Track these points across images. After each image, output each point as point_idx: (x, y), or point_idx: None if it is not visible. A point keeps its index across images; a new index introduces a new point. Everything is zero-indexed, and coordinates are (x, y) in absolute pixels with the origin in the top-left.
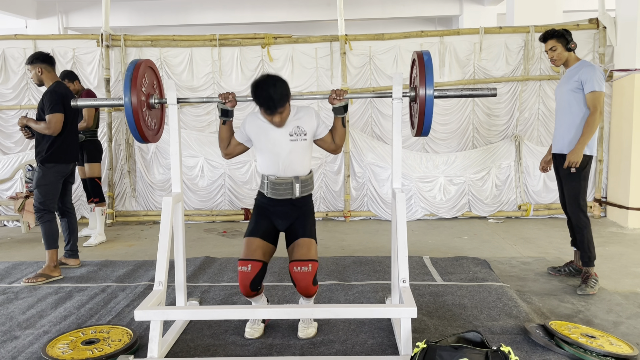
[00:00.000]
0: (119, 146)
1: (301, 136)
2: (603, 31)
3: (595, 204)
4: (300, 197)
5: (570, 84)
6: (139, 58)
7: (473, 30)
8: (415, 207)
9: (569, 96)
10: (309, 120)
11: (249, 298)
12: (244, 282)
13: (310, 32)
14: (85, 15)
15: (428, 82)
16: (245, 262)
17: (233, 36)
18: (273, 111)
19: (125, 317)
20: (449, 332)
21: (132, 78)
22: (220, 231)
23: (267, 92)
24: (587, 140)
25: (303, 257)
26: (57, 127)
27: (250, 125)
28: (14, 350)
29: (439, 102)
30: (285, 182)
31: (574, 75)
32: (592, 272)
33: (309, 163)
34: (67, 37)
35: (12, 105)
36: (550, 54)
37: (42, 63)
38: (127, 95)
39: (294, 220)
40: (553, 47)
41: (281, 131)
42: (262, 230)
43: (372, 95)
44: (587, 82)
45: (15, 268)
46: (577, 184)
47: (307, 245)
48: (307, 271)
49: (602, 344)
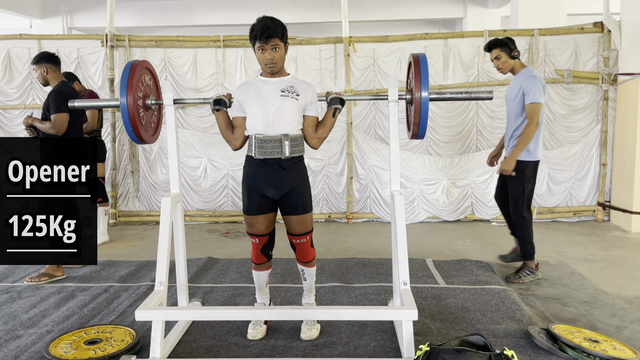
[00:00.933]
0: (122, 146)
1: (293, 95)
2: (608, 35)
3: (599, 207)
4: (290, 157)
5: (516, 94)
6: (137, 59)
7: (477, 32)
8: (418, 210)
9: (515, 105)
10: (305, 90)
11: (257, 266)
12: (254, 250)
13: (314, 33)
14: (90, 16)
15: (423, 85)
16: (252, 236)
17: (237, 37)
18: (268, 39)
19: (128, 317)
20: (452, 335)
21: (128, 79)
22: (223, 232)
23: (264, 22)
24: (521, 149)
25: (302, 231)
26: (62, 127)
27: (240, 93)
28: (17, 350)
29: (442, 105)
30: (273, 139)
31: (519, 84)
32: (529, 264)
33: (298, 125)
34: (72, 37)
35: (17, 104)
36: (496, 62)
37: (47, 63)
38: (123, 96)
39: (287, 191)
40: (497, 56)
41: (273, 87)
42: (256, 205)
43: (369, 98)
44: (528, 94)
45: (18, 267)
46: (517, 187)
47: (305, 221)
48: (306, 241)
49: (606, 348)
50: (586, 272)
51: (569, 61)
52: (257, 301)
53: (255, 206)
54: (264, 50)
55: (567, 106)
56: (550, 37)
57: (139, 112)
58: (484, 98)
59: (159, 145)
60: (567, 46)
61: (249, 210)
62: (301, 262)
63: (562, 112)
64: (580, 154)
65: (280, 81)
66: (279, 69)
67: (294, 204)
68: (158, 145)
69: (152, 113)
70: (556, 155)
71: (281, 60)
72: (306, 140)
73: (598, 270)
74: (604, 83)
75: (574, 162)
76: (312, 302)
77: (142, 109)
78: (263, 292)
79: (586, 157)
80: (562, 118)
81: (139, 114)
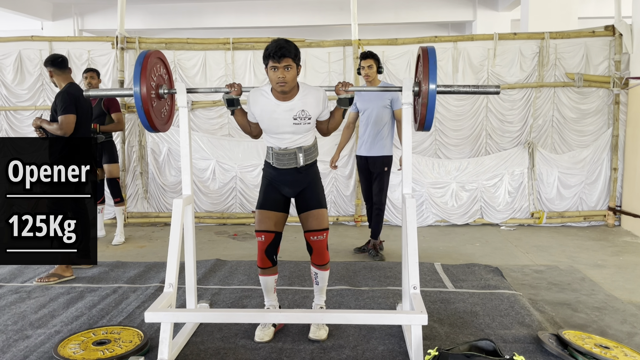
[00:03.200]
0: (131, 148)
1: (305, 120)
2: (619, 38)
3: (610, 212)
4: (305, 165)
5: (383, 101)
6: (149, 50)
7: (487, 36)
8: (427, 213)
9: (381, 110)
10: (315, 105)
11: (263, 271)
12: (259, 251)
13: (324, 36)
14: (100, 18)
15: (431, 77)
16: (259, 233)
17: (246, 40)
18: (280, 58)
19: (136, 319)
20: (461, 339)
21: (141, 68)
22: (231, 234)
23: (278, 42)
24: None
25: (318, 227)
26: (69, 128)
27: (254, 105)
28: (26, 350)
29: (451, 108)
30: (289, 152)
31: (384, 95)
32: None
33: (312, 138)
34: (83, 39)
35: (27, 106)
36: (367, 70)
37: (51, 66)
38: (136, 85)
39: (302, 189)
40: (370, 65)
41: (285, 114)
42: (270, 201)
43: (378, 89)
44: (395, 101)
45: (28, 267)
46: (387, 179)
47: (320, 216)
48: (322, 239)
49: (617, 354)
50: (597, 278)
51: (579, 65)
52: (265, 305)
53: (270, 202)
54: (276, 69)
55: (578, 110)
56: (560, 41)
57: (152, 101)
58: (491, 92)
59: (168, 147)
60: (578, 49)
61: (263, 204)
62: (316, 264)
63: (573, 115)
64: (591, 158)
65: (291, 108)
66: (290, 89)
67: (309, 199)
68: (167, 147)
69: (165, 102)
70: (566, 160)
71: (292, 81)
72: (320, 133)
73: (609, 275)
74: (615, 87)
75: (585, 166)
76: (322, 303)
77: (155, 98)
78: (271, 297)
79: (597, 162)
80: (573, 122)
81: (151, 103)
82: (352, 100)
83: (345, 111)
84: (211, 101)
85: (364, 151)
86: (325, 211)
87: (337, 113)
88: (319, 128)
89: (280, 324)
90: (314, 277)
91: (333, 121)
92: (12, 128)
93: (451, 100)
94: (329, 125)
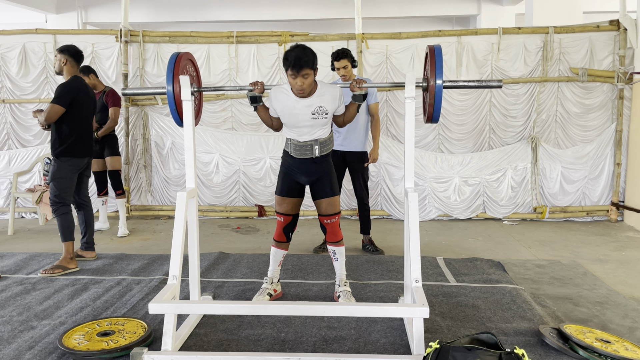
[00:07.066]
0: (135, 141)
1: (322, 115)
2: (624, 33)
3: (613, 208)
4: (320, 156)
5: None
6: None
7: (491, 30)
8: (430, 208)
9: None
10: (332, 102)
11: (277, 244)
12: (278, 228)
13: (327, 30)
14: (104, 11)
15: (438, 73)
16: (279, 214)
17: (250, 33)
18: (299, 70)
19: (140, 310)
20: (462, 333)
21: (174, 69)
22: (234, 227)
23: (296, 52)
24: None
25: (332, 212)
26: (53, 118)
27: (275, 102)
28: (31, 340)
29: (454, 102)
30: (306, 144)
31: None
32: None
33: (327, 131)
34: (87, 32)
35: (32, 98)
36: (342, 71)
37: (70, 56)
38: (169, 84)
39: (317, 177)
40: (345, 65)
41: (304, 110)
42: (287, 189)
43: (387, 85)
44: (370, 95)
45: (32, 259)
46: (367, 174)
47: (333, 202)
48: (334, 221)
49: (617, 349)
50: (599, 273)
51: (584, 59)
52: (268, 274)
53: (287, 189)
54: (295, 77)
55: (582, 105)
56: (565, 35)
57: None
58: (494, 86)
59: (172, 140)
60: (583, 44)
61: (281, 191)
62: (331, 242)
63: (577, 110)
64: (594, 153)
65: (310, 104)
66: (308, 93)
67: (324, 187)
68: (170, 140)
69: (194, 100)
70: (570, 154)
71: (310, 86)
72: (337, 125)
73: (611, 270)
74: (620, 82)
75: (588, 161)
76: (344, 278)
77: None
78: (275, 267)
79: (600, 157)
80: (577, 117)
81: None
82: (366, 96)
83: (359, 106)
84: (215, 95)
85: (338, 146)
86: (338, 198)
87: (352, 107)
88: (336, 121)
89: (276, 294)
90: (332, 254)
91: (348, 114)
92: (17, 120)
93: (455, 95)
94: (344, 118)
